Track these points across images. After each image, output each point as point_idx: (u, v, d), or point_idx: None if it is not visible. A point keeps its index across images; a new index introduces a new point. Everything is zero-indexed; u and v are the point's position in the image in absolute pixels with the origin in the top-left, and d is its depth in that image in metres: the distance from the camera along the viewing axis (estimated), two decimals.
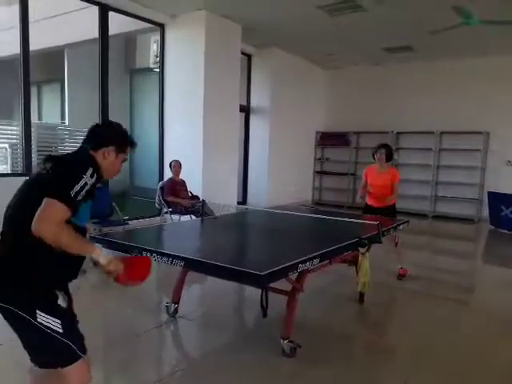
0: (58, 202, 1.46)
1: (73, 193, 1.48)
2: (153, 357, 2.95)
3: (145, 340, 3.07)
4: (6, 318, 1.53)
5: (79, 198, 1.51)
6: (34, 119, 9.92)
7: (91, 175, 1.56)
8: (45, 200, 1.45)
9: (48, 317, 1.49)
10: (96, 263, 1.62)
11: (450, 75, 9.22)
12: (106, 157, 1.74)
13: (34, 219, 1.43)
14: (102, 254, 1.60)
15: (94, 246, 1.64)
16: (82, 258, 1.65)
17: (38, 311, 1.47)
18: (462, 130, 9.05)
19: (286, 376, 2.63)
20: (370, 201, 4.80)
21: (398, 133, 9.88)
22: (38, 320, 1.47)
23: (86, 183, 1.53)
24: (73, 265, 1.65)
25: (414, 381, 2.58)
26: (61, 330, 1.51)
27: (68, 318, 1.59)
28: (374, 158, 4.72)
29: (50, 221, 1.44)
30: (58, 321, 1.51)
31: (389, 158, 4.66)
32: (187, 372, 2.67)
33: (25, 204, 1.54)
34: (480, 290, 4.83)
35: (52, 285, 1.57)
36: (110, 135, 1.80)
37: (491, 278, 5.23)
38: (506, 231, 7.66)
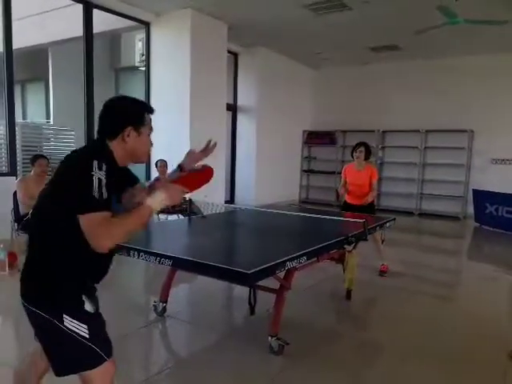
0: (92, 214, 1.39)
1: (95, 194, 1.38)
2: (141, 356, 2.94)
3: (133, 339, 3.05)
4: (33, 322, 1.51)
5: (104, 195, 1.40)
6: (18, 118, 9.80)
7: (99, 167, 1.40)
8: (82, 219, 1.38)
9: (75, 321, 1.46)
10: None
11: (436, 74, 9.35)
12: (127, 140, 1.57)
13: (89, 240, 1.39)
14: (158, 200, 1.51)
15: (142, 206, 1.50)
16: (109, 259, 1.60)
17: (64, 315, 1.45)
18: (447, 128, 9.18)
19: (273, 373, 2.64)
20: (349, 199, 4.84)
21: (384, 131, 9.99)
22: (65, 324, 1.45)
23: (99, 179, 1.39)
24: (99, 267, 1.60)
25: (401, 377, 2.61)
26: (87, 336, 1.48)
27: (95, 322, 1.55)
28: (353, 157, 4.77)
29: (101, 234, 1.39)
30: (85, 326, 1.48)
31: (367, 156, 4.71)
32: (175, 371, 2.66)
33: (43, 213, 1.50)
34: (465, 286, 4.91)
35: (79, 290, 1.54)
36: (119, 117, 1.59)
37: (476, 274, 5.31)
38: (491, 228, 7.80)
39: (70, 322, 1.45)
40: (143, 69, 7.40)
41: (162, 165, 6.16)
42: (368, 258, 5.00)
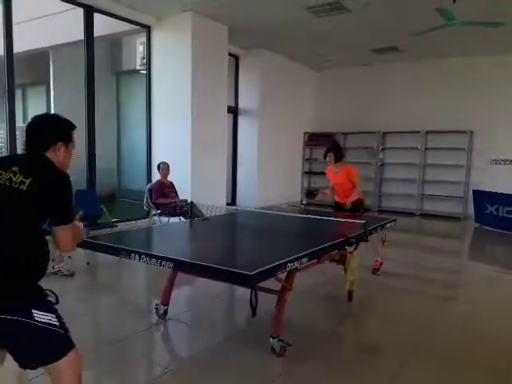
0: (69, 226, 1.67)
1: (71, 208, 1.71)
2: (143, 358, 2.95)
3: (134, 342, 3.06)
4: (5, 333, 1.51)
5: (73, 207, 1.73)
6: (19, 123, 9.82)
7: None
8: (61, 230, 1.65)
9: (43, 313, 1.53)
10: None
11: (436, 75, 9.37)
12: (58, 154, 1.75)
13: (61, 246, 1.68)
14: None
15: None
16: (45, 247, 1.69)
17: (33, 311, 1.51)
18: (447, 129, 9.19)
19: (275, 375, 2.64)
20: (337, 198, 4.96)
21: (385, 132, 10.00)
22: (36, 319, 1.51)
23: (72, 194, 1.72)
24: (47, 260, 1.69)
25: (401, 378, 2.62)
26: (57, 323, 1.57)
27: (57, 311, 1.63)
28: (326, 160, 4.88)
29: (71, 242, 1.72)
30: (53, 315, 1.57)
31: (338, 158, 4.78)
32: (177, 373, 2.67)
33: (7, 223, 1.54)
34: (466, 286, 4.91)
35: (39, 285, 1.62)
36: (53, 131, 1.77)
37: (476, 274, 5.31)
38: (491, 228, 7.80)
39: (39, 315, 1.52)
40: (144, 72, 7.43)
41: (165, 167, 6.19)
42: (369, 258, 5.01)
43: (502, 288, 4.73)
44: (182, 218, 5.66)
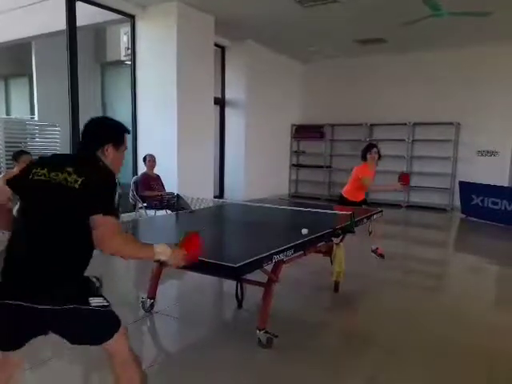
0: (112, 218, 1.61)
1: (116, 205, 1.66)
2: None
3: None
4: (62, 320, 1.62)
5: (118, 207, 1.72)
6: (1, 114, 9.62)
7: (118, 183, 1.70)
8: (100, 218, 1.59)
9: (96, 298, 1.66)
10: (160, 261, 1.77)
11: (422, 67, 9.41)
12: (106, 155, 1.81)
13: (99, 239, 1.60)
14: (162, 250, 1.73)
15: (153, 246, 1.74)
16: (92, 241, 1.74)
17: (89, 298, 1.64)
18: (434, 121, 9.25)
19: (262, 366, 2.64)
20: (363, 195, 4.98)
21: (372, 125, 10.03)
22: (93, 304, 1.63)
23: (118, 193, 1.68)
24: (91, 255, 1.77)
25: (388, 368, 2.64)
26: (107, 304, 1.70)
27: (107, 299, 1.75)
28: (366, 158, 4.85)
29: (115, 237, 1.62)
30: (102, 297, 1.70)
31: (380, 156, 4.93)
32: (164, 366, 2.65)
33: (63, 220, 1.63)
34: (452, 277, 4.97)
35: (86, 275, 1.73)
36: (103, 133, 1.85)
37: (462, 265, 5.39)
38: (476, 219, 7.90)
39: (94, 301, 1.64)
40: (129, 63, 7.31)
41: (151, 159, 6.12)
42: (355, 250, 5.03)
43: (487, 278, 4.80)
44: (169, 211, 5.62)
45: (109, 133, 1.86)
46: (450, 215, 8.90)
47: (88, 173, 1.67)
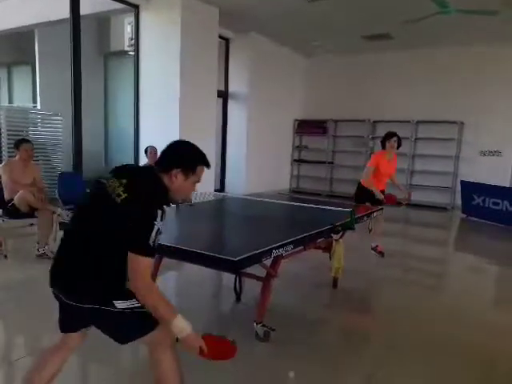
0: (144, 258, 1.57)
1: (151, 242, 1.58)
2: (128, 345, 2.92)
3: None
4: (90, 317, 1.69)
5: (156, 245, 1.60)
6: (4, 102, 9.59)
7: (161, 218, 1.62)
8: (132, 257, 1.57)
9: (124, 301, 1.64)
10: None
11: (427, 64, 9.35)
12: (174, 180, 1.75)
13: (129, 274, 1.58)
14: (180, 326, 1.67)
15: (177, 315, 1.67)
16: None
17: (114, 301, 1.62)
18: (437, 119, 9.21)
19: (259, 359, 2.65)
20: (380, 187, 4.89)
21: (375, 121, 9.99)
22: (118, 307, 1.62)
23: (158, 229, 1.59)
24: None
25: (387, 365, 2.64)
26: (138, 304, 1.64)
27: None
28: (384, 146, 4.82)
29: (142, 277, 1.58)
30: (133, 299, 1.64)
31: (400, 145, 4.91)
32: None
33: (105, 236, 1.63)
34: (451, 276, 4.98)
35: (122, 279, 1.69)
36: (177, 157, 1.79)
37: (461, 264, 5.39)
38: (477, 219, 7.89)
39: (120, 304, 1.63)
40: (133, 53, 7.28)
41: (152, 151, 6.10)
42: (354, 247, 5.03)
43: (487, 278, 4.80)
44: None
45: (182, 158, 1.80)
46: (450, 214, 8.89)
47: (134, 190, 1.65)
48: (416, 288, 4.20)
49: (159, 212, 1.61)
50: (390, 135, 4.82)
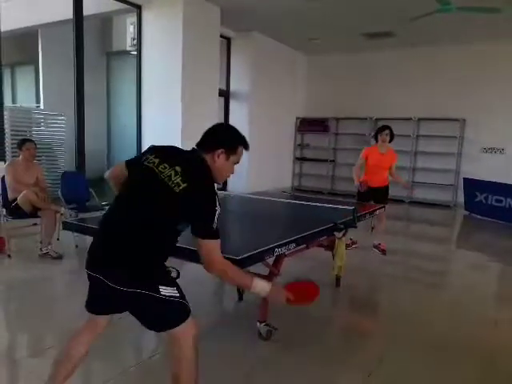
0: (214, 241, 1.69)
1: (215, 225, 1.68)
2: (131, 341, 2.96)
3: (122, 325, 3.05)
4: (129, 301, 1.72)
5: (218, 226, 1.69)
6: (7, 102, 9.63)
7: (219, 203, 1.70)
8: (204, 243, 1.68)
9: (168, 288, 1.71)
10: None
11: (429, 62, 9.33)
12: (216, 160, 1.81)
13: (203, 261, 1.72)
14: (260, 286, 1.80)
15: (253, 279, 1.81)
16: (176, 239, 1.84)
17: (160, 286, 1.68)
18: (439, 116, 9.20)
19: (261, 359, 2.67)
20: (371, 183, 4.88)
21: (377, 119, 9.98)
22: (162, 293, 1.68)
23: (219, 213, 1.69)
24: (174, 249, 1.88)
25: (387, 362, 2.66)
26: (178, 295, 1.75)
27: (178, 285, 1.81)
28: (377, 139, 4.88)
29: (218, 258, 1.71)
30: (175, 288, 1.75)
31: (392, 138, 4.87)
32: (165, 356, 2.68)
33: (156, 215, 1.70)
34: (454, 273, 4.98)
35: (165, 265, 1.81)
36: (221, 137, 1.88)
37: (464, 262, 5.39)
38: (480, 216, 7.88)
39: (164, 290, 1.69)
40: (135, 53, 7.30)
41: None
42: (359, 244, 5.05)
43: (489, 275, 4.80)
44: None
45: (226, 138, 1.88)
46: (453, 212, 8.88)
47: (193, 179, 1.70)
48: (418, 286, 4.21)
49: (217, 198, 1.70)
50: (382, 129, 4.89)
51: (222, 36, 8.03)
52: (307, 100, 11.03)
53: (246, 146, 1.96)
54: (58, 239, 4.82)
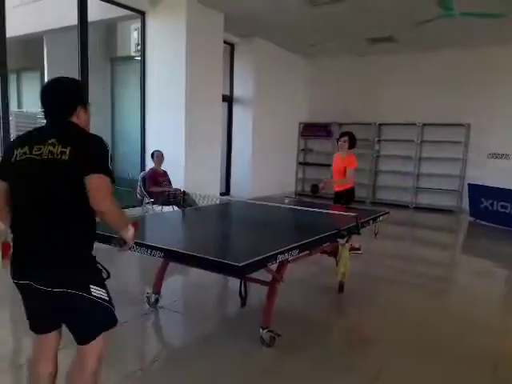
0: (107, 178, 1.59)
1: (110, 167, 1.62)
2: (134, 346, 2.95)
3: (126, 330, 3.05)
4: (58, 303, 1.62)
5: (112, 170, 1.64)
6: (13, 107, 9.69)
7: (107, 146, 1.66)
8: (95, 177, 1.55)
9: (99, 288, 1.64)
10: (122, 241, 1.77)
11: (433, 67, 9.31)
12: (80, 117, 1.74)
13: (94, 197, 1.55)
14: (132, 229, 1.76)
15: (128, 222, 1.76)
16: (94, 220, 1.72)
17: (91, 286, 1.61)
18: (443, 121, 9.17)
19: (264, 365, 2.65)
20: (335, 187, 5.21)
21: (381, 124, 9.97)
22: (93, 294, 1.61)
23: (111, 156, 1.65)
24: (95, 237, 1.76)
25: (389, 368, 2.63)
26: (107, 298, 1.68)
27: (106, 287, 1.72)
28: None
29: (108, 195, 1.59)
30: (104, 290, 1.68)
31: (352, 145, 5.06)
32: (168, 361, 2.68)
33: (62, 189, 1.59)
34: (458, 280, 4.94)
35: (95, 261, 1.70)
36: (73, 96, 1.75)
37: (469, 268, 5.35)
38: (485, 223, 7.83)
39: (95, 291, 1.62)
40: (139, 59, 7.34)
41: (159, 155, 6.16)
42: (363, 251, 5.02)
43: (494, 282, 4.76)
44: (176, 208, 5.65)
45: (77, 94, 1.77)
46: (458, 217, 8.83)
47: (74, 141, 1.61)
48: (422, 292, 4.18)
49: (103, 140, 1.69)
50: (341, 135, 5.18)
51: (225, 42, 8.06)
52: (310, 105, 11.04)
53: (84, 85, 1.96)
54: None
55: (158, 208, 5.95)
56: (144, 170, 6.68)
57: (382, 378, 2.52)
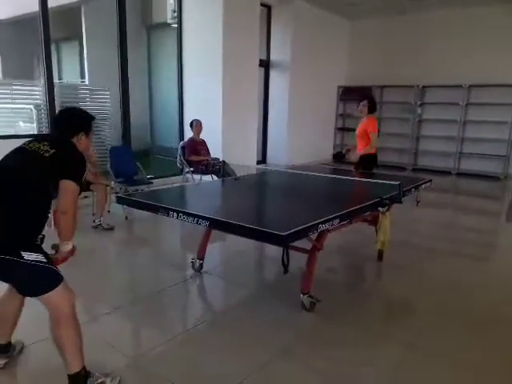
0: (77, 187, 1.93)
1: (82, 179, 1.98)
2: (179, 309, 3.12)
3: (171, 294, 3.22)
4: (4, 272, 1.85)
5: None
6: (54, 79, 9.94)
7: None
8: (71, 182, 1.90)
9: (32, 253, 1.82)
10: (56, 248, 2.00)
11: (479, 23, 8.69)
12: (81, 142, 2.15)
13: (64, 196, 1.89)
14: (72, 243, 2.02)
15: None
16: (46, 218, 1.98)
17: (22, 252, 1.79)
18: (491, 83, 8.64)
19: (304, 329, 2.74)
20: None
21: (424, 87, 9.53)
22: (25, 258, 1.79)
23: (85, 177, 2.04)
24: (43, 224, 1.98)
25: (427, 336, 2.66)
26: (45, 260, 1.86)
27: (48, 256, 1.91)
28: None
29: (75, 201, 1.93)
30: (41, 254, 1.85)
31: (371, 109, 4.91)
32: (211, 323, 2.82)
33: (27, 179, 1.89)
34: (502, 248, 4.82)
35: (35, 236, 1.94)
36: (77, 123, 2.17)
37: None
38: None
39: (27, 255, 1.80)
40: (175, 26, 7.29)
41: (198, 125, 6.21)
42: (401, 219, 4.97)
43: None
44: (215, 177, 5.74)
45: (81, 123, 2.18)
46: (503, 184, 8.47)
47: (60, 147, 1.99)
48: (465, 260, 4.12)
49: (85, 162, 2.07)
50: (359, 99, 5.00)
51: (262, 4, 7.83)
52: (350, 68, 10.67)
53: (94, 118, 2.26)
54: (108, 211, 5.06)
55: (197, 177, 6.07)
56: (183, 138, 6.78)
57: (420, 345, 2.56)
